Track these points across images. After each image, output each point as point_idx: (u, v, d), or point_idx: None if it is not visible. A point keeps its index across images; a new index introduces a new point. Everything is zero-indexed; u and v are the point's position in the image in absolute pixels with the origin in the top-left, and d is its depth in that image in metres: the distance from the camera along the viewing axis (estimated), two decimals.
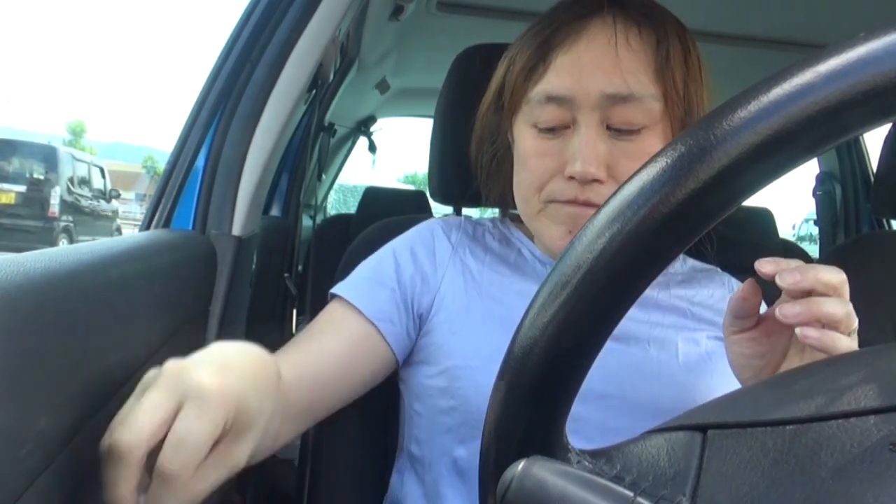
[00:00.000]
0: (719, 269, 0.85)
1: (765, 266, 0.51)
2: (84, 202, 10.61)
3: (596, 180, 0.67)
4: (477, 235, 0.82)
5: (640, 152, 0.68)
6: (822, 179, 2.21)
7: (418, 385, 0.76)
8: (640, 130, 0.68)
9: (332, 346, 0.71)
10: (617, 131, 0.68)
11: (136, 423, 0.39)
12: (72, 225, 10.05)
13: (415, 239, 0.80)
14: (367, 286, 0.76)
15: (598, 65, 0.67)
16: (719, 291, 0.80)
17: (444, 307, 0.75)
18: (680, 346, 0.73)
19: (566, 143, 0.69)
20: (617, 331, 0.76)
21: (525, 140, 0.72)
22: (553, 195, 0.70)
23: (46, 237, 9.28)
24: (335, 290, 0.76)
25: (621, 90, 0.67)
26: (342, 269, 0.90)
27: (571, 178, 0.67)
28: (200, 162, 0.76)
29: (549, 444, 0.34)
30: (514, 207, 0.78)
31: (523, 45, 0.73)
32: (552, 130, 0.70)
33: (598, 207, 0.31)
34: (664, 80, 0.69)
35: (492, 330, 0.72)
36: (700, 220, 0.29)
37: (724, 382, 0.72)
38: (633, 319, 0.73)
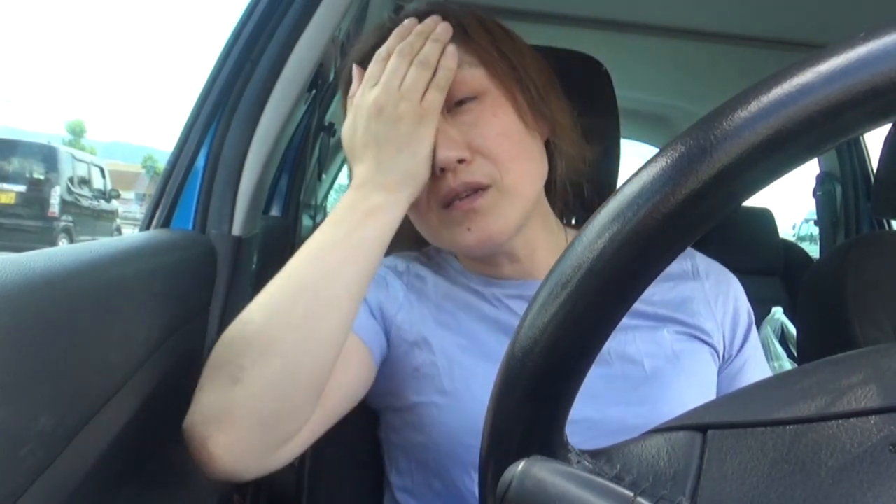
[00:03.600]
0: (690, 266, 0.81)
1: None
2: (84, 202, 10.62)
3: (462, 161, 0.67)
4: (419, 272, 0.80)
5: (485, 118, 0.68)
6: (822, 179, 2.21)
7: (391, 417, 0.76)
8: (476, 98, 0.68)
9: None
10: (455, 111, 0.68)
11: None
12: (72, 225, 10.06)
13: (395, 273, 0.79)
14: None
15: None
16: (681, 283, 0.78)
17: (401, 342, 0.74)
18: (645, 359, 0.71)
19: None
20: None
21: None
22: (440, 198, 0.68)
23: (46, 237, 9.29)
24: None
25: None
26: None
27: (442, 170, 0.66)
28: (200, 162, 0.76)
29: (549, 444, 0.34)
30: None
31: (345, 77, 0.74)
32: None
33: (599, 207, 0.31)
34: (470, 44, 0.69)
35: (451, 365, 0.71)
36: (700, 220, 0.29)
37: (695, 381, 0.71)
38: None
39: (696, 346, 0.74)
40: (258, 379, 0.56)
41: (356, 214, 0.63)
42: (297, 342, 0.57)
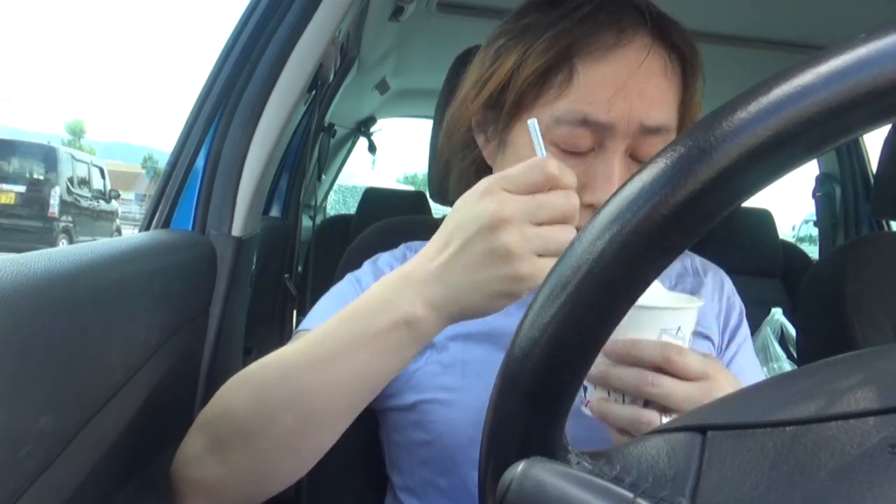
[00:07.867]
0: (689, 264, 0.83)
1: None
2: (84, 202, 10.62)
3: None
4: None
5: None
6: (821, 181, 2.21)
7: (392, 416, 0.75)
8: (658, 132, 0.66)
9: None
10: (636, 160, 0.65)
11: None
12: (71, 225, 10.06)
13: (373, 272, 0.77)
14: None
15: (643, 93, 0.63)
16: (682, 280, 0.79)
17: None
18: None
19: (587, 165, 0.65)
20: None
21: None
22: None
23: (46, 237, 9.29)
24: (303, 326, 0.71)
25: (660, 123, 0.64)
26: (341, 270, 0.90)
27: (590, 205, 0.62)
28: (200, 162, 0.76)
29: (549, 444, 0.34)
30: None
31: (535, 42, 0.65)
32: (577, 153, 0.64)
33: (598, 209, 0.31)
34: (686, 112, 0.67)
35: (455, 362, 0.71)
36: (700, 221, 0.29)
37: None
38: None
39: (696, 341, 0.74)
40: (242, 466, 0.55)
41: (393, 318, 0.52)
42: (283, 446, 0.55)
